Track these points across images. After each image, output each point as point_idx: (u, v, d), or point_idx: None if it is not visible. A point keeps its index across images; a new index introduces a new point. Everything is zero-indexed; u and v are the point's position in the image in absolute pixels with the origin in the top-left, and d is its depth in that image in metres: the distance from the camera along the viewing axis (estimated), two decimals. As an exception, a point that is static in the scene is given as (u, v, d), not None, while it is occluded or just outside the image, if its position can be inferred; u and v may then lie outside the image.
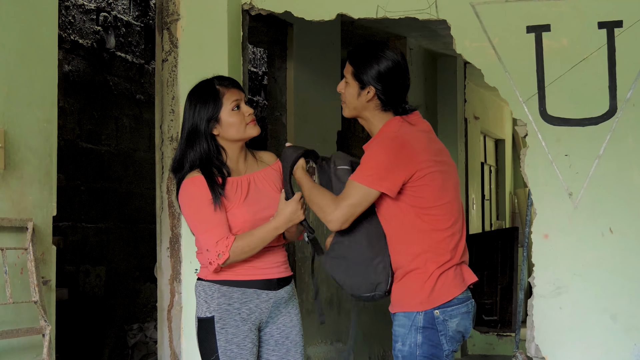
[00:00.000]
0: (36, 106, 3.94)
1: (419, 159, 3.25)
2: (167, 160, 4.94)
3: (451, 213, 3.31)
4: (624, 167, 4.41)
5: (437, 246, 3.27)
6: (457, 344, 3.32)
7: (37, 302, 3.76)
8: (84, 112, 6.74)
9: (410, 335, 3.25)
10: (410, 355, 3.26)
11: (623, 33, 4.40)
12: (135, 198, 7.34)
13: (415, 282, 3.26)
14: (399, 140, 3.27)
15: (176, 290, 4.89)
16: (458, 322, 3.29)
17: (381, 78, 3.34)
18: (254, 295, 3.50)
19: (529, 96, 4.53)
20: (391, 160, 3.23)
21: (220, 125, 3.51)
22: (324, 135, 6.96)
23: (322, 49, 6.96)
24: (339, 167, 3.42)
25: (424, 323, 3.25)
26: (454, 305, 3.27)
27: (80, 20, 6.69)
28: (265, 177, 3.62)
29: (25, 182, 3.85)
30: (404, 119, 3.37)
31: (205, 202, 3.43)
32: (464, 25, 4.62)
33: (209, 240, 3.42)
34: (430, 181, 3.26)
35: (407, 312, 3.27)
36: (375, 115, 3.39)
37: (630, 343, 4.37)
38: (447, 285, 3.26)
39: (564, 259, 4.48)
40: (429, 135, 3.39)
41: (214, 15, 4.89)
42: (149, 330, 7.06)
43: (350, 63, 3.41)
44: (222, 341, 3.44)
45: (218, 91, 3.53)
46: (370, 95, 3.36)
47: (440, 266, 3.26)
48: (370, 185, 3.24)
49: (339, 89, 3.46)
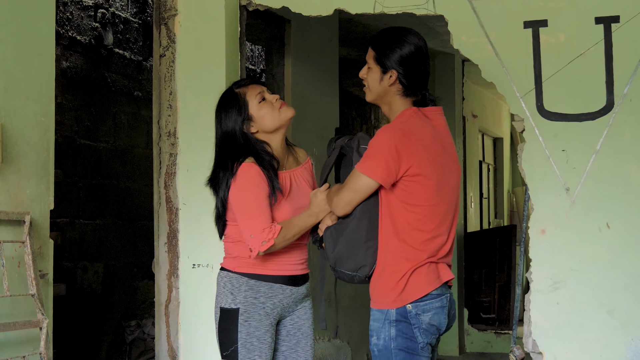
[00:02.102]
0: (33, 100, 3.95)
1: (417, 154, 3.25)
2: (165, 155, 4.95)
3: (437, 215, 3.29)
4: (621, 162, 4.42)
5: (416, 245, 3.26)
6: (432, 337, 3.31)
7: (34, 295, 3.76)
8: (81, 108, 6.74)
9: (384, 329, 3.26)
10: (385, 349, 3.27)
11: (620, 28, 4.40)
12: (133, 195, 7.34)
13: (390, 280, 3.27)
14: (401, 131, 3.26)
15: (174, 285, 4.89)
16: (431, 317, 3.28)
17: (403, 62, 3.33)
18: (280, 291, 3.55)
19: (526, 91, 4.54)
20: (390, 151, 3.22)
21: (254, 122, 3.55)
22: (322, 132, 6.95)
23: (320, 46, 6.96)
24: (362, 146, 3.42)
25: (397, 317, 3.25)
26: (427, 300, 3.26)
27: (78, 16, 6.70)
28: (303, 175, 3.68)
29: (22, 176, 3.85)
30: (420, 110, 3.36)
31: (259, 188, 3.45)
32: (461, 21, 4.62)
33: (256, 226, 3.43)
34: (424, 179, 3.25)
35: (382, 309, 3.29)
36: (396, 100, 3.38)
37: (627, 338, 4.38)
38: (419, 282, 3.26)
39: (561, 254, 4.48)
40: (438, 132, 3.37)
41: (211, 11, 4.89)
42: (147, 327, 7.06)
43: (373, 47, 3.41)
44: (243, 333, 3.47)
45: (238, 94, 3.58)
46: (392, 80, 3.35)
47: (415, 265, 3.26)
48: (368, 174, 3.25)
49: (361, 75, 3.46)
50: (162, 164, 4.96)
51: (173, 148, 4.93)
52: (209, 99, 4.86)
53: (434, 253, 3.28)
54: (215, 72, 4.87)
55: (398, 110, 3.38)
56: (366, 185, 3.27)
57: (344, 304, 7.01)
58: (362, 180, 3.27)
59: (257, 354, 3.47)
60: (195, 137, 4.90)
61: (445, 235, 3.33)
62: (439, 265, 3.32)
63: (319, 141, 6.83)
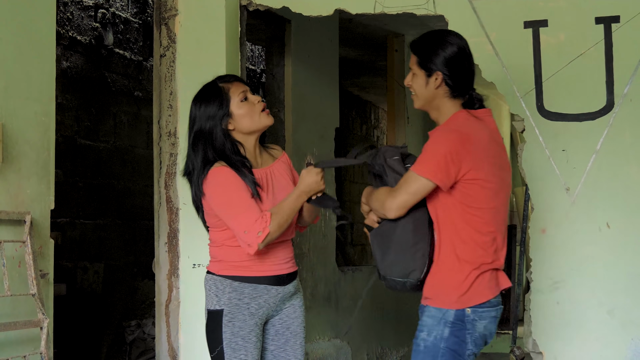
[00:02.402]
0: (34, 100, 3.95)
1: (476, 157, 3.23)
2: (165, 155, 4.95)
3: (496, 217, 3.29)
4: (621, 162, 4.42)
5: (478, 247, 3.25)
6: (479, 348, 3.30)
7: (35, 295, 3.76)
8: (82, 108, 6.75)
9: (438, 327, 3.25)
10: (433, 347, 3.25)
11: (620, 28, 4.40)
12: (133, 195, 7.34)
13: (452, 279, 3.25)
14: (460, 134, 3.23)
15: (174, 285, 4.89)
16: (485, 325, 3.28)
17: (447, 63, 3.32)
18: (264, 291, 3.54)
19: (527, 91, 4.54)
20: (449, 154, 3.19)
21: (233, 119, 3.54)
22: (322, 132, 6.96)
23: (320, 46, 6.96)
24: (389, 158, 3.40)
25: (454, 318, 3.24)
26: (485, 308, 3.26)
27: (79, 16, 6.70)
28: (279, 169, 3.66)
29: (23, 176, 3.85)
30: (472, 113, 3.35)
31: (237, 187, 3.44)
32: (461, 21, 4.62)
33: (246, 221, 3.41)
34: (484, 182, 3.24)
35: (440, 307, 3.26)
36: (444, 103, 3.36)
37: (627, 338, 4.38)
38: (482, 287, 3.25)
39: (561, 253, 4.49)
40: (492, 135, 3.36)
41: (212, 11, 4.90)
42: (147, 327, 7.06)
43: (415, 53, 3.40)
44: (227, 333, 3.47)
45: (222, 88, 3.56)
46: (438, 82, 3.33)
47: (478, 267, 3.25)
48: (427, 176, 3.21)
49: (406, 83, 3.45)
50: (162, 164, 4.96)
51: (173, 148, 4.93)
52: (210, 98, 4.87)
53: (493, 256, 3.28)
54: (215, 72, 4.81)
55: (448, 113, 3.36)
56: (424, 187, 3.24)
57: (344, 304, 7.01)
58: (420, 182, 3.23)
59: (243, 352, 3.47)
60: (195, 137, 4.89)
61: (501, 238, 3.32)
62: (499, 272, 3.32)
63: (319, 141, 6.84)
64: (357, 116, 12.29)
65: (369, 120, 12.95)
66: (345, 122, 11.53)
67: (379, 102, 12.78)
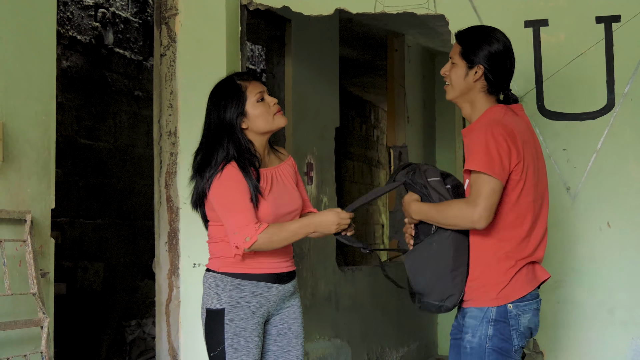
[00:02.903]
0: (34, 99, 3.95)
1: (520, 150, 3.20)
2: (166, 154, 4.95)
3: (534, 212, 3.26)
4: (622, 162, 4.42)
5: (515, 243, 3.22)
6: (525, 340, 3.28)
7: (35, 294, 3.76)
8: (82, 108, 6.75)
9: (482, 327, 3.23)
10: (479, 347, 3.23)
11: (621, 28, 4.40)
12: (133, 194, 7.34)
13: (490, 278, 3.23)
14: (505, 127, 3.20)
15: (174, 284, 4.89)
16: (530, 318, 3.26)
17: (491, 58, 3.30)
18: (265, 289, 3.53)
19: (527, 91, 4.54)
20: (502, 148, 3.16)
21: (247, 119, 3.53)
22: (322, 132, 6.96)
23: (320, 46, 6.96)
24: (430, 179, 3.33)
25: (497, 316, 3.21)
26: (526, 301, 3.24)
27: (79, 16, 6.70)
28: (284, 171, 3.66)
29: (23, 175, 3.85)
30: (509, 107, 3.33)
31: (240, 188, 3.44)
32: (461, 20, 4.61)
33: (238, 222, 3.41)
34: (528, 176, 3.22)
35: (481, 307, 3.24)
36: (480, 97, 3.34)
37: (628, 337, 4.38)
38: (520, 282, 3.23)
39: (561, 253, 4.48)
40: (529, 127, 3.35)
41: (212, 10, 4.90)
42: (147, 327, 7.06)
43: (460, 43, 3.37)
44: (229, 333, 3.46)
45: (240, 86, 3.55)
46: (478, 75, 3.31)
47: (516, 263, 3.22)
48: (492, 173, 3.14)
49: (443, 72, 3.42)
50: (162, 164, 4.96)
51: (174, 147, 4.93)
52: (210, 98, 4.87)
53: (532, 251, 3.25)
54: (215, 71, 4.86)
55: (482, 108, 3.33)
56: (498, 184, 3.16)
57: (344, 303, 7.01)
58: (493, 182, 3.15)
59: (245, 353, 3.46)
60: (196, 136, 4.82)
61: (541, 231, 3.29)
62: (536, 265, 3.29)
63: (319, 141, 6.84)
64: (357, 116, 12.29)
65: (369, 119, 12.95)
66: (346, 121, 11.54)
67: (379, 102, 12.79)
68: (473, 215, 3.15)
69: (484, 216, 3.15)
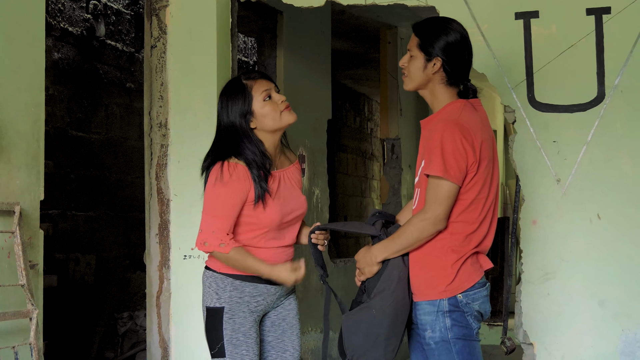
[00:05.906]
0: (24, 90, 3.94)
1: (481, 148, 3.23)
2: (156, 146, 4.94)
3: (483, 206, 3.27)
4: (612, 154, 4.42)
5: (463, 237, 3.24)
6: (479, 323, 3.31)
7: (24, 285, 3.75)
8: (73, 100, 6.73)
9: (438, 321, 3.24)
10: (442, 341, 3.25)
11: (611, 19, 4.40)
12: (125, 186, 7.33)
13: (437, 271, 3.25)
14: (461, 128, 3.21)
15: (165, 276, 4.89)
16: (480, 304, 3.29)
17: (448, 49, 3.30)
18: (264, 290, 3.55)
19: (518, 82, 4.54)
20: (459, 151, 3.17)
21: (255, 118, 3.51)
22: (315, 124, 6.95)
23: (312, 38, 6.95)
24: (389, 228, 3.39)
25: (450, 307, 3.24)
26: (475, 289, 3.27)
27: (70, 8, 6.68)
28: (292, 174, 3.65)
29: (12, 166, 3.85)
30: (468, 102, 3.34)
31: (234, 195, 3.43)
32: (452, 12, 4.60)
33: (219, 225, 3.42)
34: (482, 173, 3.24)
35: (431, 300, 3.26)
36: (440, 89, 3.34)
37: (618, 329, 4.39)
38: (467, 272, 3.25)
39: (552, 245, 4.49)
40: (484, 124, 3.35)
41: (202, 2, 4.88)
42: (139, 319, 7.06)
43: (417, 35, 3.36)
44: (228, 330, 3.48)
45: (245, 85, 3.53)
46: (436, 67, 3.31)
47: (461, 256, 3.24)
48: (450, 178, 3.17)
49: (401, 63, 3.42)
50: (153, 155, 4.95)
51: (164, 139, 4.92)
52: (201, 90, 4.86)
53: (477, 244, 3.27)
54: (206, 63, 4.86)
55: (443, 99, 3.34)
56: (453, 190, 3.20)
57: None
58: (447, 186, 3.18)
59: (244, 348, 3.48)
60: (186, 128, 4.89)
61: (487, 226, 3.31)
62: (479, 255, 3.31)
63: (311, 133, 6.83)
64: (350, 108, 12.28)
65: (362, 112, 12.94)
66: (339, 114, 11.53)
67: (372, 94, 12.78)
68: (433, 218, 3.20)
69: (441, 218, 3.20)
